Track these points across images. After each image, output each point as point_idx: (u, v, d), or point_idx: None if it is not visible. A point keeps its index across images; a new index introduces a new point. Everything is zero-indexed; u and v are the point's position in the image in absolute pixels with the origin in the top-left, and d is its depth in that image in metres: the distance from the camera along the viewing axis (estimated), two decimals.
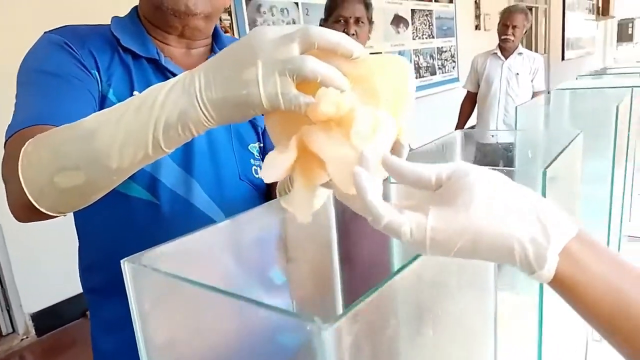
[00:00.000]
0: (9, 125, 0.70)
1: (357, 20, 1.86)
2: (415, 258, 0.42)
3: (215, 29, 0.94)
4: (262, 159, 0.95)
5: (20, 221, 0.67)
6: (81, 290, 0.93)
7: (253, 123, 0.94)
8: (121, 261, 0.46)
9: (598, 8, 13.97)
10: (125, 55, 0.84)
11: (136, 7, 0.91)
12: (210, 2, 0.84)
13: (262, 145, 0.96)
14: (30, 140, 0.60)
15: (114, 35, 0.84)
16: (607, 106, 1.32)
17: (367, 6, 1.91)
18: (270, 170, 0.47)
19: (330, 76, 0.46)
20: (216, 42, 0.95)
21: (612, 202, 1.32)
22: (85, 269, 0.92)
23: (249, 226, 0.61)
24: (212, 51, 0.94)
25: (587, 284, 0.37)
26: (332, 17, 1.89)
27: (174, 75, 0.83)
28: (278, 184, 0.83)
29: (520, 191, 0.40)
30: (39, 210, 0.59)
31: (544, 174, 0.66)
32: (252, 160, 0.93)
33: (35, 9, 2.55)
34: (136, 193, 0.81)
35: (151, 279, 0.46)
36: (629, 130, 1.57)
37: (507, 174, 0.42)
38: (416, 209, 0.40)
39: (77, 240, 0.92)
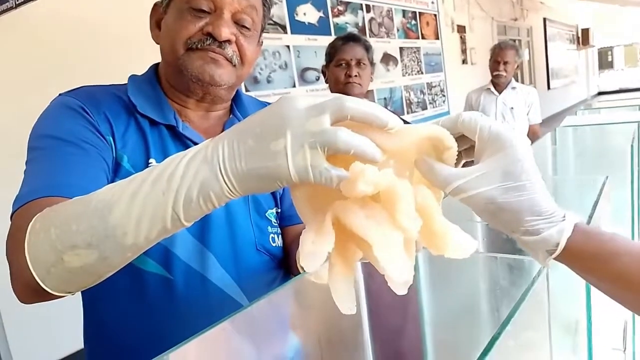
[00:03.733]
0: (17, 196, 0.65)
1: (359, 62, 1.86)
2: (486, 352, 0.37)
3: (236, 90, 0.91)
4: (279, 225, 0.91)
5: (23, 302, 0.62)
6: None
7: None
8: None
9: (578, 38, 14.39)
10: (142, 121, 0.80)
11: (156, 65, 0.88)
12: (236, 74, 0.81)
13: (279, 210, 0.91)
14: (38, 215, 0.56)
15: (130, 101, 0.81)
16: (617, 143, 1.31)
17: (367, 49, 1.92)
18: (310, 259, 0.42)
19: (364, 149, 0.42)
20: (236, 104, 0.91)
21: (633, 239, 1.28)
22: (93, 347, 0.85)
23: (270, 311, 0.56)
24: (231, 113, 0.91)
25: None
26: (334, 61, 1.89)
27: (192, 142, 0.81)
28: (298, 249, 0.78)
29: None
30: (44, 290, 0.54)
31: None
32: (269, 228, 0.88)
33: (51, 59, 2.55)
34: (149, 267, 0.76)
35: None
36: (639, 165, 1.55)
37: None
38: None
39: (82, 315, 0.86)
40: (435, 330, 0.82)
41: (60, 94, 0.79)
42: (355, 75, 1.83)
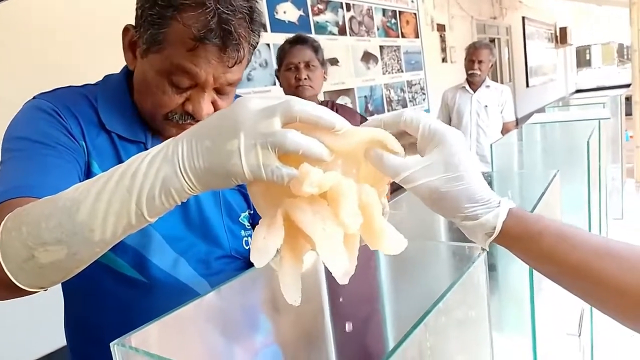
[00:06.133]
0: None
1: (308, 65, 1.84)
2: (416, 325, 0.42)
3: None
4: (252, 227, 0.94)
5: None
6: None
7: (241, 191, 0.92)
8: (110, 344, 0.45)
9: (556, 37, 14.62)
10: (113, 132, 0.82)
11: (128, 71, 0.85)
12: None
13: (251, 212, 0.94)
14: (9, 215, 0.58)
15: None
16: (578, 140, 1.37)
17: (316, 49, 1.90)
18: (260, 255, 0.46)
19: (311, 149, 0.46)
20: None
21: (590, 230, 1.35)
22: (75, 339, 0.89)
23: (235, 295, 0.60)
24: None
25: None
26: (284, 65, 1.88)
27: None
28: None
29: None
30: (17, 287, 0.56)
31: None
32: (242, 232, 0.91)
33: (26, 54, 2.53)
34: (123, 270, 0.79)
35: None
36: (599, 160, 1.63)
37: None
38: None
39: (64, 308, 0.89)
40: (398, 318, 0.86)
41: (34, 97, 0.80)
42: (305, 78, 1.82)
